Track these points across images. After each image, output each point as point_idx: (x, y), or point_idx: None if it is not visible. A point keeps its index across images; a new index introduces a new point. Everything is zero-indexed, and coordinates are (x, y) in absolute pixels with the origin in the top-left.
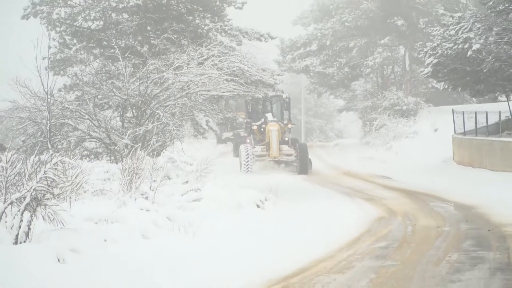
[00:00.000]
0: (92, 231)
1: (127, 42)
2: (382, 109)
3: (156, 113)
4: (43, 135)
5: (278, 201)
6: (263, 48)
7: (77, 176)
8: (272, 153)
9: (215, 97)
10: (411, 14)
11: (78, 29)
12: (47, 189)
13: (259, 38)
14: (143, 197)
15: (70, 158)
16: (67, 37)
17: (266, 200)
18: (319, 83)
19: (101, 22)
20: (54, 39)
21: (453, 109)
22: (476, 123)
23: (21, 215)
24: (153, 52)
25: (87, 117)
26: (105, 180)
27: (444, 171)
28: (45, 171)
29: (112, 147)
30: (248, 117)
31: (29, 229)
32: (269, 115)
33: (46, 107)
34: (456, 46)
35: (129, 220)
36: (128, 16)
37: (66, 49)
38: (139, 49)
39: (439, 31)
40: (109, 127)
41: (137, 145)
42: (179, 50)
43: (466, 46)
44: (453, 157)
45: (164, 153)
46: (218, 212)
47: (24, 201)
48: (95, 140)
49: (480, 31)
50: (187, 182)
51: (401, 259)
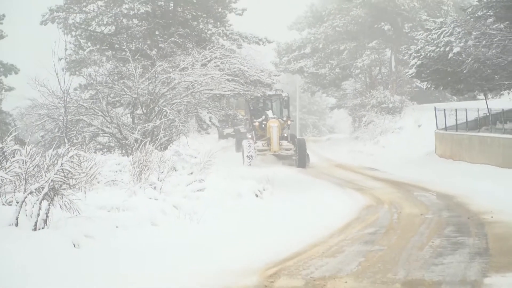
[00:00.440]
0: (105, 218)
1: (137, 45)
2: (370, 107)
3: (164, 110)
4: (60, 130)
5: (275, 191)
6: (261, 51)
7: (91, 168)
8: (272, 147)
9: (217, 95)
10: (396, 19)
11: (92, 33)
12: (64, 180)
13: (257, 42)
14: (151, 187)
15: (85, 152)
16: (82, 41)
17: (264, 190)
18: (312, 82)
19: (113, 27)
20: (70, 42)
21: (435, 106)
22: (456, 119)
23: (40, 204)
24: (161, 55)
25: (100, 114)
26: (117, 171)
27: (427, 163)
28: (62, 164)
29: (123, 141)
30: (250, 114)
31: (47, 216)
32: (269, 113)
33: (63, 104)
34: (438, 49)
35: (139, 208)
36: (138, 22)
37: (81, 51)
38: (148, 52)
39: (422, 35)
40: (120, 123)
41: (146, 140)
42: (185, 53)
43: (447, 49)
44: (435, 151)
45: (171, 147)
46: (220, 201)
47: (43, 191)
48: (108, 135)
49: (460, 35)
50: (192, 173)
51: (387, 244)
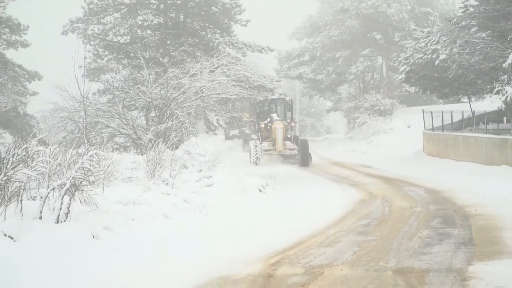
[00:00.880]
0: (121, 212)
1: (151, 53)
2: (363, 109)
3: (175, 113)
4: (80, 131)
5: (277, 186)
6: (264, 58)
7: (109, 166)
8: (277, 147)
9: (224, 99)
10: (387, 29)
11: (109, 42)
12: (84, 177)
13: (260, 50)
14: (164, 183)
15: (103, 151)
16: (100, 50)
17: (267, 185)
18: (310, 87)
19: (129, 37)
20: (89, 51)
21: (423, 109)
22: (442, 120)
23: (62, 199)
24: (172, 62)
25: (117, 116)
26: (132, 169)
27: (415, 161)
28: (82, 162)
29: (138, 141)
30: (256, 117)
31: (68, 210)
32: (274, 115)
33: (83, 108)
34: (425, 56)
35: (152, 202)
36: (151, 32)
37: (99, 59)
38: (160, 60)
39: (411, 43)
40: (135, 124)
41: (159, 140)
42: (194, 60)
43: (434, 56)
44: (423, 149)
45: (181, 146)
46: (227, 196)
47: (64, 187)
48: (124, 136)
49: (446, 43)
50: (201, 170)
51: (380, 235)
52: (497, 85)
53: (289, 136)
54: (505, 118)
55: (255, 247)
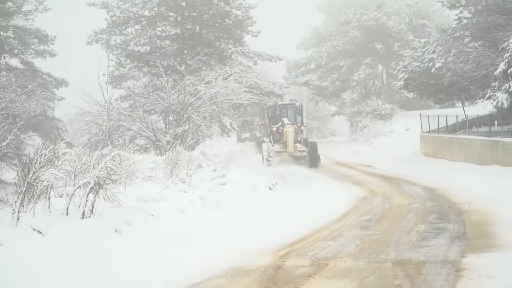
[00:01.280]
0: (142, 208)
1: (169, 62)
2: (365, 114)
3: (191, 117)
4: (103, 134)
5: (285, 184)
6: (273, 67)
7: (130, 166)
8: (288, 149)
9: (236, 104)
10: (387, 40)
11: (130, 52)
12: (107, 176)
13: (270, 59)
14: (181, 182)
15: (125, 152)
16: (122, 58)
17: (276, 183)
18: (316, 93)
19: (148, 47)
20: (112, 60)
21: (420, 113)
22: (438, 124)
23: (87, 196)
24: (189, 70)
25: (138, 120)
26: (152, 169)
27: (413, 161)
28: (105, 162)
29: (158, 143)
30: (268, 121)
31: (93, 207)
32: (285, 119)
33: (106, 112)
34: (422, 65)
35: (170, 199)
36: (169, 42)
37: (121, 67)
38: (178, 68)
39: (409, 53)
40: (155, 128)
41: (177, 142)
42: (209, 69)
43: (430, 65)
44: (421, 150)
45: (197, 147)
46: (239, 193)
47: (89, 185)
48: (144, 138)
49: (441, 52)
50: (215, 170)
51: (380, 229)
52: (488, 91)
53: (299, 139)
54: (496, 122)
55: (265, 240)
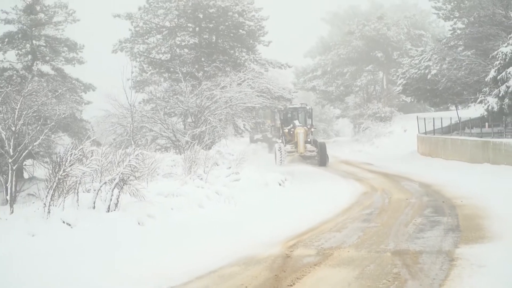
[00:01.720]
0: (162, 202)
1: (187, 69)
2: (367, 116)
3: (208, 119)
4: (127, 134)
5: (294, 181)
6: (283, 73)
7: (152, 163)
8: (299, 149)
9: (249, 107)
10: (387, 49)
11: (152, 59)
12: (131, 172)
13: (280, 66)
14: (199, 178)
15: (147, 151)
16: (144, 65)
17: (285, 180)
18: (322, 97)
19: (169, 55)
20: (135, 66)
21: (417, 116)
22: (434, 125)
23: (112, 191)
24: (206, 76)
25: (159, 122)
26: (172, 166)
27: (411, 160)
28: (129, 160)
29: (177, 143)
30: (281, 123)
31: (117, 201)
32: (296, 122)
33: (130, 114)
34: (419, 71)
35: (189, 194)
36: (188, 51)
37: (143, 73)
38: (196, 74)
39: (407, 60)
40: (175, 129)
41: (195, 141)
42: (224, 75)
43: (426, 71)
44: (417, 150)
45: (213, 147)
46: (252, 189)
47: (114, 181)
48: (165, 138)
49: (436, 60)
50: (230, 167)
51: (380, 222)
52: (480, 96)
53: (309, 140)
54: (487, 124)
55: (275, 232)
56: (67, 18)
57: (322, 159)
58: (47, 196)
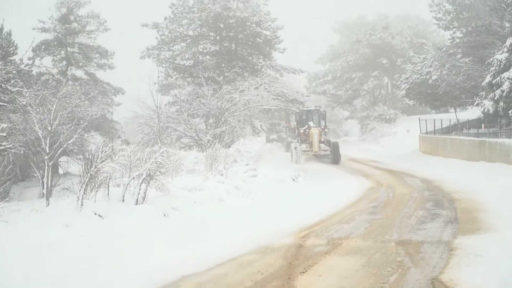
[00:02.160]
0: (186, 196)
1: (209, 74)
2: (373, 118)
3: (228, 120)
4: (154, 133)
5: (307, 177)
6: (296, 78)
7: (176, 160)
8: (314, 148)
9: (266, 109)
10: (392, 56)
11: (177, 65)
12: (157, 169)
13: (294, 72)
14: (219, 174)
15: (172, 149)
16: (170, 70)
17: (299, 176)
18: (332, 100)
19: (192, 61)
20: (161, 72)
21: (419, 117)
22: (434, 126)
23: (140, 186)
24: (226, 81)
25: (183, 122)
26: (194, 163)
27: (413, 157)
28: (155, 157)
29: (199, 141)
30: (297, 124)
31: (145, 195)
32: (311, 123)
33: (156, 115)
34: (421, 77)
35: (210, 189)
36: (209, 57)
37: (169, 78)
38: (217, 79)
39: (410, 67)
40: (197, 128)
41: (216, 140)
42: (243, 79)
43: (428, 77)
44: (419, 149)
45: (233, 145)
46: (268, 184)
47: (142, 177)
48: (188, 137)
49: (437, 67)
50: (248, 164)
51: (385, 214)
52: (477, 99)
53: (322, 140)
54: (483, 125)
55: (288, 223)
56: (99, 27)
57: (335, 157)
58: (80, 190)
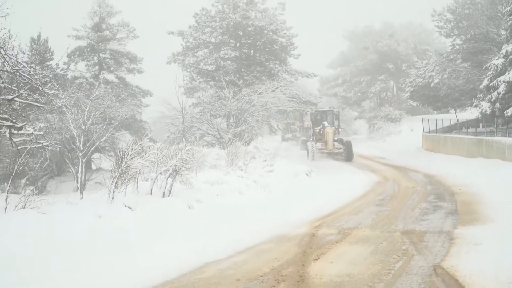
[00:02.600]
0: (209, 189)
1: (230, 78)
2: (380, 118)
3: (247, 119)
4: (179, 132)
5: (320, 172)
6: (310, 81)
7: (200, 157)
8: (328, 147)
9: (282, 110)
10: (397, 61)
11: (200, 70)
12: (182, 164)
13: (307, 76)
14: (239, 169)
15: (196, 146)
16: (193, 75)
17: (311, 171)
18: (342, 102)
19: (214, 66)
20: (186, 76)
21: (422, 117)
22: (436, 125)
23: (166, 180)
24: (245, 84)
25: (206, 122)
26: (216, 159)
27: (417, 154)
28: (181, 154)
29: (221, 139)
30: (312, 124)
31: (171, 188)
32: (325, 123)
33: (182, 116)
34: (424, 80)
35: (231, 183)
36: (230, 62)
37: (193, 81)
38: (237, 82)
39: (414, 71)
40: (219, 128)
41: (236, 139)
42: (261, 83)
43: (430, 80)
44: (422, 146)
45: (251, 143)
46: (283, 178)
47: (168, 172)
48: (211, 136)
49: (438, 71)
50: (265, 160)
51: (391, 206)
52: (475, 101)
53: (336, 138)
54: (481, 124)
55: (302, 214)
56: (128, 35)
57: (348, 155)
58: (111, 184)
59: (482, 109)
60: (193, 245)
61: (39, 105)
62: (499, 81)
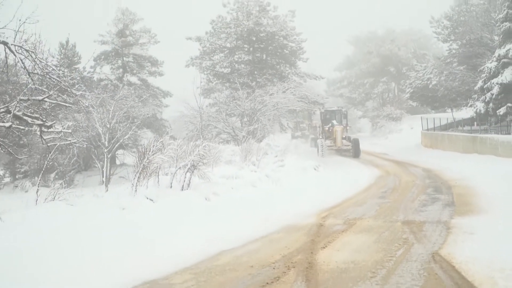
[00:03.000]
0: (224, 183)
1: (243, 80)
2: (382, 117)
3: (260, 118)
4: (197, 130)
5: (327, 167)
6: (317, 83)
7: (216, 153)
8: (337, 144)
9: (291, 110)
10: (398, 65)
11: (216, 72)
12: (200, 160)
13: (315, 78)
14: (252, 164)
15: (212, 143)
16: (210, 77)
17: (319, 166)
18: (348, 102)
19: (229, 69)
20: (203, 78)
21: (421, 116)
22: (434, 124)
23: (185, 174)
24: (258, 85)
25: (221, 121)
26: (231, 155)
27: (416, 151)
28: (198, 150)
29: (236, 137)
30: (321, 122)
31: (189, 182)
32: (334, 121)
33: (199, 115)
34: (423, 82)
35: (245, 177)
36: (244, 66)
37: (210, 83)
38: (250, 84)
39: (413, 74)
40: (234, 126)
41: (249, 136)
42: (272, 85)
43: (428, 82)
44: (421, 143)
45: (264, 140)
46: (293, 173)
47: (187, 167)
48: (226, 133)
49: (436, 74)
50: (276, 156)
51: (393, 199)
52: (470, 101)
53: (344, 136)
54: (475, 123)
55: (311, 206)
56: (150, 40)
57: (356, 152)
58: (134, 178)
59: (476, 109)
60: (210, 234)
61: (67, 105)
62: (493, 83)
